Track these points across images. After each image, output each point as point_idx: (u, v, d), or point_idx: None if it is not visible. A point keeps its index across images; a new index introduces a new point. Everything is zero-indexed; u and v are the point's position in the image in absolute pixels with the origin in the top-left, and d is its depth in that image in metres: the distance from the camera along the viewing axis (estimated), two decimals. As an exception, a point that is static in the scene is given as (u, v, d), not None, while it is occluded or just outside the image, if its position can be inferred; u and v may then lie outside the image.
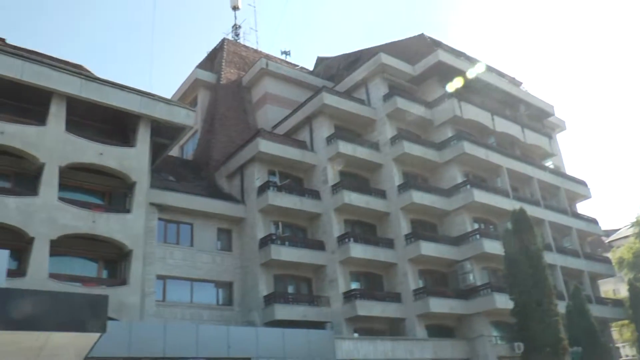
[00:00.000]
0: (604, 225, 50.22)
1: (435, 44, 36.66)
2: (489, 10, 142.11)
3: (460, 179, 31.89)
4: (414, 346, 26.99)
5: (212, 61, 41.58)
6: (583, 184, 40.64)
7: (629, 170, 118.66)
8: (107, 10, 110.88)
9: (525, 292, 24.60)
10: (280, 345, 23.10)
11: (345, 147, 30.61)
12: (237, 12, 46.77)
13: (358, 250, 28.32)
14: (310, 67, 44.67)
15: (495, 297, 27.93)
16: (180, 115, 26.28)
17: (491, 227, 32.65)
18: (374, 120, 33.03)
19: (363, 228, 30.89)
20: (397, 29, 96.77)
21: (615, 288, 49.96)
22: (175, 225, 27.84)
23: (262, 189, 29.03)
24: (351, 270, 29.02)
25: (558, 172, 39.59)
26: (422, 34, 37.17)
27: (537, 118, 40.61)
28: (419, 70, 34.64)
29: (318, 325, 26.26)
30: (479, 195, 30.73)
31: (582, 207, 44.91)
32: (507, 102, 38.25)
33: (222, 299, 28.33)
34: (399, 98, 32.44)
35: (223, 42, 41.95)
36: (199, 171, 33.27)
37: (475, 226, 31.44)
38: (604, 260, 39.27)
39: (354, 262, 28.69)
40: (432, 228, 31.73)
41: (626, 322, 38.38)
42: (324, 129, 31.75)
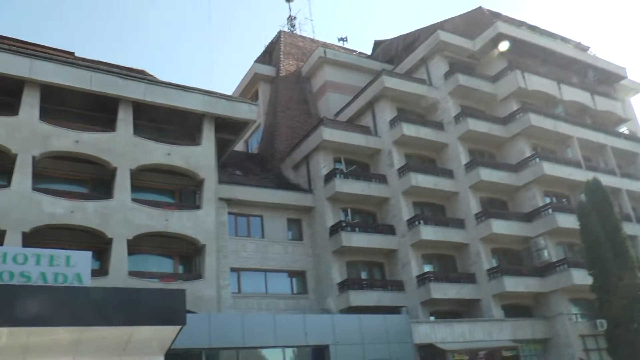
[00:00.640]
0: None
1: (494, 15, 35.72)
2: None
3: (528, 153, 30.97)
4: (491, 327, 26.53)
5: (270, 54, 41.97)
6: (663, 148, 38.62)
7: None
8: (162, 15, 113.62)
9: (605, 267, 23.57)
10: (357, 331, 23.26)
11: (409, 129, 30.32)
12: (291, 3, 46.90)
13: (429, 233, 28.06)
14: (368, 52, 44.33)
15: (572, 273, 27.07)
16: (243, 111, 26.71)
17: (564, 200, 31.62)
18: (436, 99, 32.55)
19: (432, 210, 30.58)
20: (453, 4, 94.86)
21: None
22: (246, 218, 28.36)
23: (329, 177, 29.17)
24: (423, 253, 28.81)
25: (634, 138, 37.63)
26: (480, 7, 36.30)
27: (608, 82, 38.73)
28: (479, 45, 33.81)
29: (393, 310, 26.27)
30: (549, 168, 29.80)
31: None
32: (574, 69, 36.76)
33: (296, 288, 28.69)
34: (461, 75, 31.83)
35: (279, 34, 42.23)
36: (265, 164, 33.75)
37: (547, 200, 30.50)
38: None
39: (425, 245, 28.46)
40: (503, 205, 31.04)
41: None
42: (386, 113, 31.54)
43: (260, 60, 41.64)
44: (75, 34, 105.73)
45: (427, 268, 28.61)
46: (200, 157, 25.15)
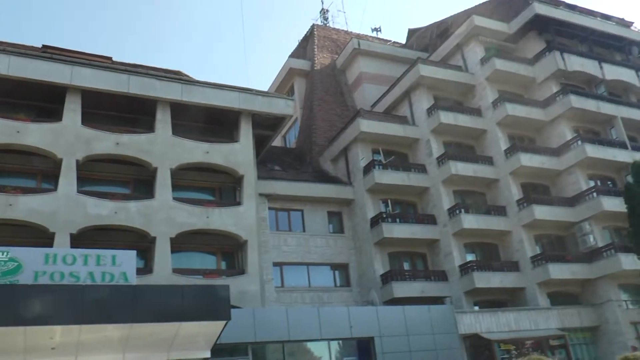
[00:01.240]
0: None
1: (529, -4, 34.92)
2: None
3: (569, 136, 30.27)
4: (537, 316, 26.12)
5: (304, 49, 42.03)
6: None
7: None
8: (195, 16, 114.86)
9: (656, 251, 22.82)
10: (401, 322, 23.22)
11: (446, 117, 30.02)
12: (323, -4, 46.85)
13: (470, 221, 27.76)
14: (403, 41, 44.02)
15: (620, 258, 26.44)
16: (279, 106, 26.82)
17: (609, 183, 30.86)
18: (473, 85, 32.14)
19: (473, 198, 30.22)
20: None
21: None
22: (286, 213, 28.53)
23: (368, 169, 29.09)
24: (465, 242, 28.52)
25: (682, 116, 36.35)
26: (515, -11, 35.54)
27: (655, 58, 37.49)
28: (515, 27, 33.18)
29: (436, 300, 26.13)
30: (592, 150, 29.10)
31: None
32: (617, 47, 35.70)
33: (339, 280, 28.76)
34: (497, 59, 31.31)
35: (313, 28, 42.24)
36: (303, 158, 33.86)
37: (591, 184, 29.79)
38: None
39: (467, 234, 28.18)
40: (545, 190, 30.46)
41: None
42: (423, 101, 31.26)
43: (295, 54, 41.76)
44: (112, 38, 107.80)
45: (470, 257, 28.32)
46: (238, 154, 25.36)
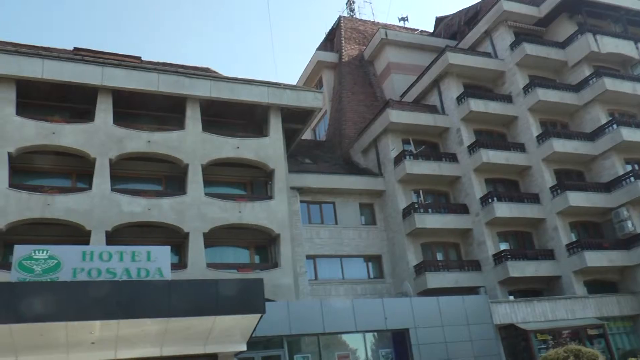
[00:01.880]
0: None
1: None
2: None
3: (604, 120, 29.53)
4: (574, 305, 25.60)
5: (331, 41, 41.94)
6: None
7: None
8: (222, 13, 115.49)
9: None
10: (436, 313, 23.11)
11: (476, 105, 29.63)
12: (349, -13, 46.62)
13: (503, 209, 27.38)
14: (430, 29, 43.65)
15: (661, 244, 25.77)
16: (308, 99, 26.85)
17: (647, 166, 30.06)
18: (503, 72, 31.62)
19: (505, 186, 29.81)
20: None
21: None
22: (318, 205, 28.59)
23: (399, 159, 28.95)
24: (498, 230, 28.15)
25: None
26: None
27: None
28: (545, 11, 32.48)
29: (470, 290, 25.90)
30: (629, 134, 28.27)
31: None
32: (654, 26, 34.61)
33: (372, 272, 28.73)
34: (527, 44, 30.71)
35: (339, 20, 42.09)
36: (333, 150, 33.84)
37: (628, 168, 28.94)
38: None
39: (500, 222, 27.81)
40: (579, 176, 29.83)
41: None
42: (452, 90, 30.92)
43: (322, 47, 41.70)
44: (140, 38, 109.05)
45: (503, 246, 27.89)
46: (269, 148, 25.49)
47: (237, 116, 26.48)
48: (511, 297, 26.31)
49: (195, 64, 28.56)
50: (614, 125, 28.67)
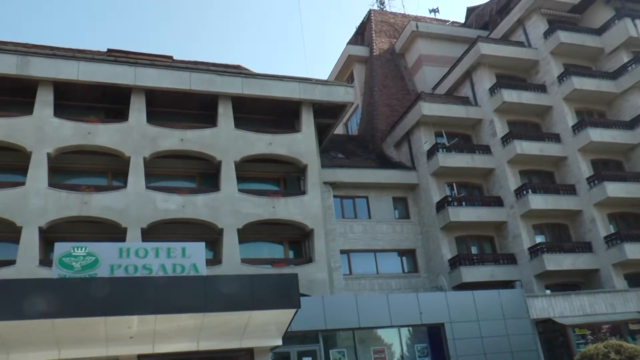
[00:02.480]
0: None
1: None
2: None
3: (644, 107, 28.83)
4: (614, 299, 24.86)
5: (362, 35, 41.77)
6: None
7: None
8: (252, 10, 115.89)
9: None
10: (471, 308, 22.84)
11: (510, 95, 29.20)
12: (378, -19, 46.32)
13: (538, 201, 26.93)
14: (461, 20, 43.12)
15: None
16: (339, 94, 26.80)
17: (690, 155, 29.20)
18: (536, 61, 31.05)
19: (540, 177, 29.30)
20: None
21: None
22: (351, 200, 28.55)
23: (431, 152, 28.73)
24: (534, 223, 27.69)
25: None
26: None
27: None
28: (581, -4, 31.84)
29: (506, 284, 25.56)
30: (670, 121, 27.60)
31: None
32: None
33: (407, 266, 28.58)
34: (561, 31, 30.10)
35: (370, 13, 41.89)
36: (366, 144, 33.74)
37: (669, 157, 28.28)
38: None
39: (535, 215, 27.36)
40: (617, 166, 29.16)
41: None
42: (485, 81, 30.52)
43: (353, 41, 41.55)
44: (171, 37, 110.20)
45: (539, 239, 27.44)
46: (301, 144, 25.53)
47: (269, 112, 26.59)
48: (548, 291, 25.84)
49: (226, 61, 28.71)
50: (655, 113, 27.92)
